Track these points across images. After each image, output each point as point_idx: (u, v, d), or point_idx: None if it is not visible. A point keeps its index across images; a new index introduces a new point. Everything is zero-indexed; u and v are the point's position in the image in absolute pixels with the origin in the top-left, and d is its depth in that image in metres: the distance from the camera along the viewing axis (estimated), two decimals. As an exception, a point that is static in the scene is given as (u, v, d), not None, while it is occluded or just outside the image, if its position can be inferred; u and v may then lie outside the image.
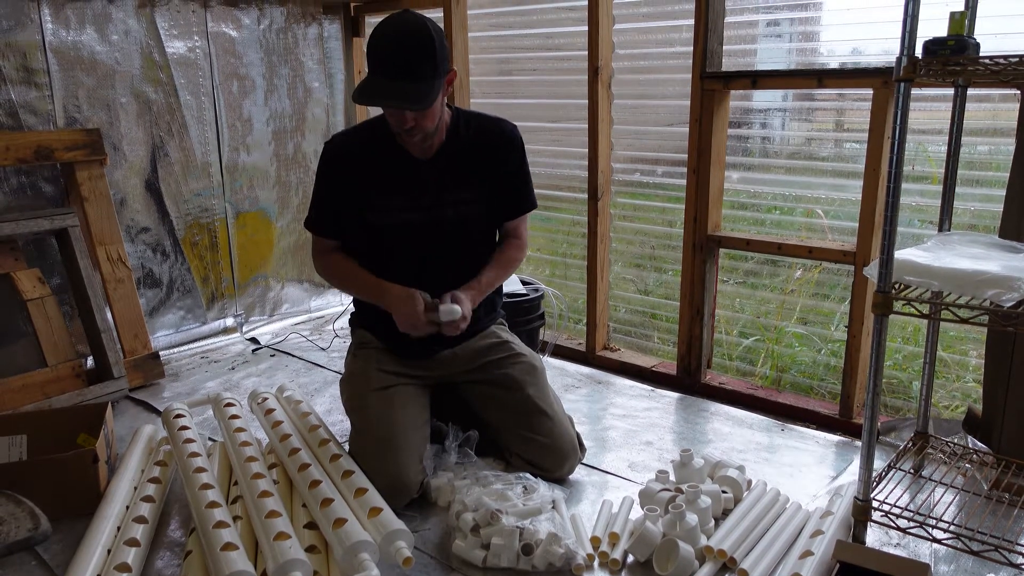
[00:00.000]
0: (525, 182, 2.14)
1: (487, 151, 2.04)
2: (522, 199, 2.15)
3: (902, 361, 2.62)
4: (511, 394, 2.05)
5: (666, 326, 3.02)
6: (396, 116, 1.85)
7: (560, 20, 3.01)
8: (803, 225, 2.67)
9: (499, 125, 2.08)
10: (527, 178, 2.14)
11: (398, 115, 1.84)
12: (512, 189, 2.11)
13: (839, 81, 2.30)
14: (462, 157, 2.02)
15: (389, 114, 1.88)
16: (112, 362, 2.65)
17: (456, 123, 2.02)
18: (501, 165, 2.06)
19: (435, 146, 1.99)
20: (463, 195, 2.03)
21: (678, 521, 1.70)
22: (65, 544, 1.80)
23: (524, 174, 2.13)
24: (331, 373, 2.91)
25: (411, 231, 2.02)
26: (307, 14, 3.42)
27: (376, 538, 1.60)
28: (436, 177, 2.01)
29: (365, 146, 2.03)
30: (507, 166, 2.08)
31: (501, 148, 2.06)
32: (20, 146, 2.56)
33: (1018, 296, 1.46)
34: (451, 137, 2.01)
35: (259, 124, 3.33)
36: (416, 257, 2.04)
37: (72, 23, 2.71)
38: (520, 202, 2.14)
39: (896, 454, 1.94)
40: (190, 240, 3.17)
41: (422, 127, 1.87)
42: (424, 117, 1.85)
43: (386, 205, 2.01)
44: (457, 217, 2.03)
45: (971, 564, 1.69)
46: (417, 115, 1.84)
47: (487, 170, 2.05)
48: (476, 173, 2.04)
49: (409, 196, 2.00)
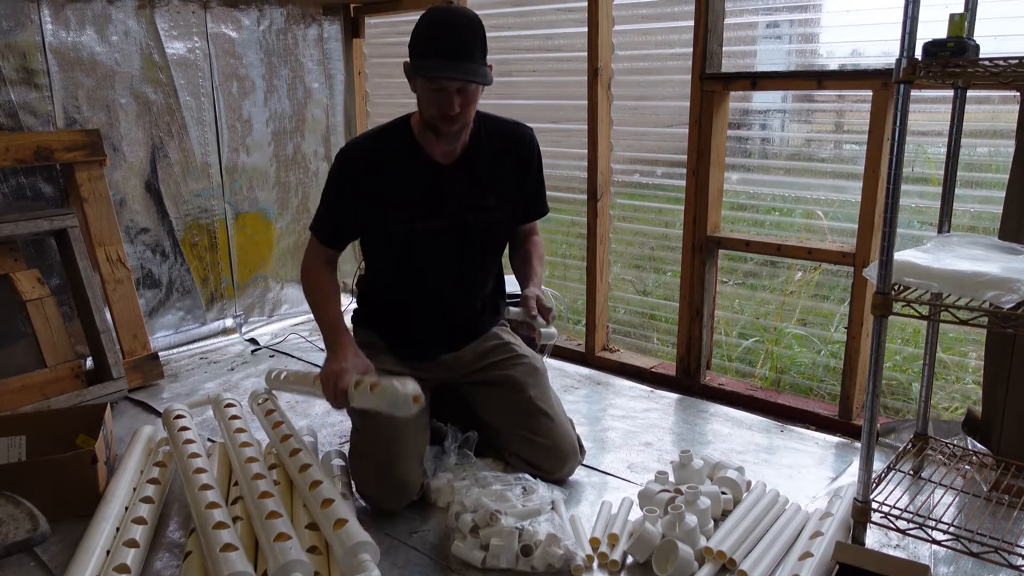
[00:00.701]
0: (543, 186, 2.14)
1: (509, 156, 2.03)
2: (541, 203, 2.16)
3: (902, 362, 2.62)
4: (512, 395, 2.05)
5: (665, 327, 3.02)
6: (445, 101, 1.78)
7: (560, 21, 3.01)
8: (803, 226, 2.67)
9: (518, 129, 2.06)
10: (543, 182, 2.15)
11: (447, 100, 1.78)
12: (533, 193, 2.11)
13: (839, 83, 2.30)
14: (484, 162, 2.00)
15: (433, 101, 1.80)
16: (111, 363, 2.65)
17: (478, 127, 2.00)
18: (523, 170, 2.06)
19: (458, 150, 1.97)
20: (487, 201, 2.00)
21: (677, 522, 1.70)
22: (64, 545, 1.80)
23: (542, 178, 2.14)
24: (330, 374, 2.90)
25: (435, 238, 1.97)
26: (307, 15, 3.42)
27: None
28: (459, 183, 1.97)
29: (384, 153, 1.95)
30: (528, 171, 2.07)
31: (523, 154, 2.05)
32: (20, 147, 2.56)
33: (1017, 298, 1.46)
34: (473, 141, 1.98)
35: (259, 125, 3.33)
36: (438, 265, 2.01)
37: (72, 24, 2.71)
38: (539, 206, 2.15)
39: (896, 455, 1.94)
40: (189, 241, 3.17)
41: (465, 115, 1.83)
42: (469, 103, 1.82)
43: (408, 213, 1.94)
44: (480, 223, 2.00)
45: (971, 566, 1.69)
46: (463, 101, 1.80)
47: (509, 175, 2.03)
48: (498, 179, 2.02)
49: (432, 202, 1.95)
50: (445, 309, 2.07)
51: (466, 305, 2.11)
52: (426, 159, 1.95)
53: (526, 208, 2.13)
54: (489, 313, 2.17)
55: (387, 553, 1.75)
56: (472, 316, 2.13)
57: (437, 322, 2.08)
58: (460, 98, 1.79)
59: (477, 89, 1.82)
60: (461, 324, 2.11)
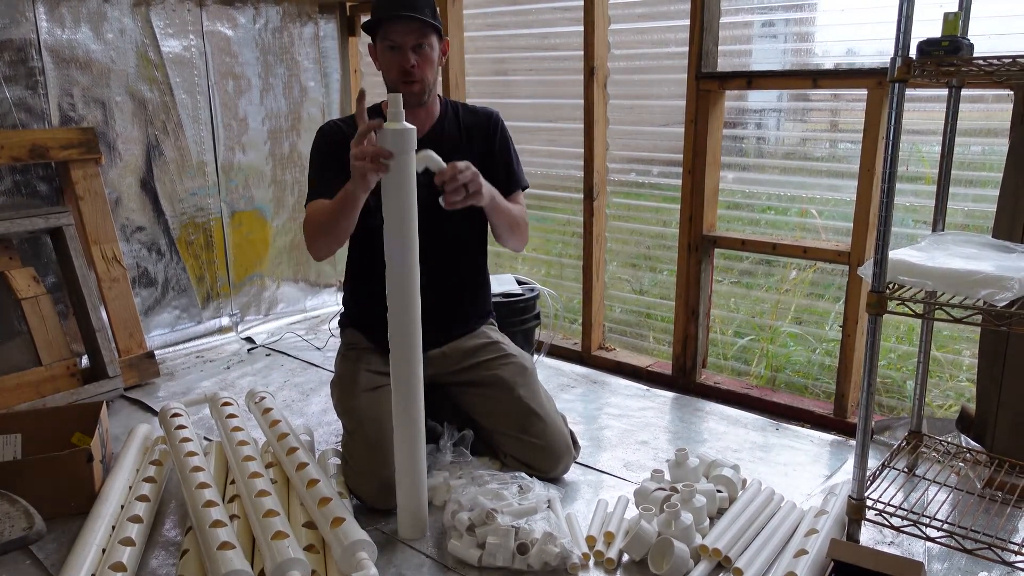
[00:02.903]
0: (513, 162, 2.15)
1: (475, 131, 2.10)
2: (513, 178, 2.14)
3: (896, 360, 2.63)
4: (502, 396, 2.05)
5: (661, 326, 3.02)
6: (401, 58, 1.89)
7: (556, 20, 3.01)
8: (798, 225, 2.68)
9: (484, 110, 2.15)
10: (515, 156, 2.16)
11: (403, 56, 1.88)
12: (504, 166, 2.12)
13: (834, 81, 2.31)
14: (451, 137, 2.06)
15: (393, 61, 1.90)
16: (107, 361, 2.65)
17: (445, 108, 2.10)
18: (489, 144, 2.11)
19: (427, 124, 2.03)
20: None
21: (673, 520, 1.70)
22: (60, 543, 1.80)
23: (512, 151, 2.16)
24: (326, 373, 2.91)
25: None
26: (303, 13, 3.42)
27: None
28: None
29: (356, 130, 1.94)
30: (494, 145, 2.12)
31: (488, 127, 2.12)
32: (15, 144, 2.56)
33: (1011, 296, 1.47)
34: (441, 118, 2.07)
35: (255, 123, 3.32)
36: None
37: (67, 21, 2.71)
38: (511, 181, 2.13)
39: (890, 453, 1.95)
40: (185, 239, 3.17)
41: (424, 74, 1.92)
42: (426, 62, 1.92)
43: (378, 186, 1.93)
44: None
45: (964, 562, 1.69)
46: (420, 59, 1.90)
47: (477, 150, 2.08)
48: (466, 155, 1.99)
49: None
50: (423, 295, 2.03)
51: (444, 292, 2.08)
52: None
53: (500, 182, 2.08)
54: (473, 309, 2.19)
55: (384, 551, 1.76)
56: (452, 306, 2.13)
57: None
58: (416, 56, 1.90)
59: (433, 50, 1.92)
60: (442, 314, 2.07)
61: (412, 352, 1.73)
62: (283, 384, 2.82)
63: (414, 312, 1.71)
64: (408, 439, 1.76)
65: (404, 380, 1.73)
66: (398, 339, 1.71)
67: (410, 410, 1.75)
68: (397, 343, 1.72)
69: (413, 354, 1.73)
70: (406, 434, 1.76)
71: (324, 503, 1.69)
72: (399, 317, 1.70)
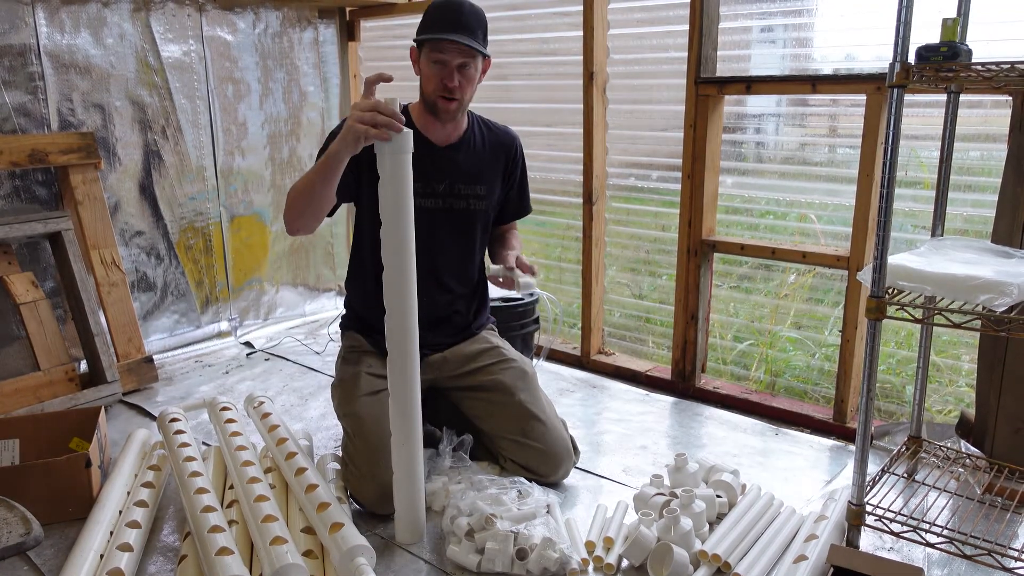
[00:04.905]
0: (527, 189, 2.27)
1: (499, 151, 2.15)
2: (524, 203, 2.27)
3: (895, 365, 2.63)
4: (503, 400, 2.05)
5: (661, 330, 3.02)
6: (446, 73, 1.91)
7: (555, 25, 3.02)
8: (797, 230, 2.68)
9: (508, 131, 2.20)
10: (527, 185, 2.27)
11: (448, 73, 1.91)
12: (518, 192, 2.23)
13: (833, 87, 2.31)
14: (476, 152, 2.10)
15: (435, 74, 1.92)
16: (105, 366, 2.65)
17: (472, 122, 2.13)
18: (511, 167, 2.18)
19: (453, 136, 2.06)
20: (477, 189, 2.10)
21: (672, 525, 1.70)
22: (58, 549, 1.79)
23: (526, 180, 2.26)
24: (326, 377, 2.90)
25: (423, 216, 1.95)
26: (302, 18, 3.43)
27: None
28: (452, 165, 2.06)
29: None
30: (515, 170, 2.19)
31: (511, 151, 2.18)
32: (14, 149, 2.56)
33: (1010, 301, 1.47)
34: (467, 132, 2.10)
35: (254, 128, 3.33)
36: (423, 245, 1.98)
37: (67, 27, 2.71)
38: (522, 206, 2.27)
39: (890, 458, 1.95)
40: (184, 244, 3.17)
41: (463, 93, 1.95)
42: (468, 82, 1.95)
43: None
44: (468, 209, 2.09)
45: (964, 568, 1.69)
46: (463, 78, 1.92)
47: (498, 170, 2.15)
48: (487, 170, 2.12)
49: (425, 179, 2.02)
50: (426, 299, 2.03)
51: (448, 297, 2.13)
52: (422, 139, 2.02)
53: (512, 205, 2.23)
54: (474, 314, 2.20)
55: (383, 557, 1.75)
56: (452, 311, 2.15)
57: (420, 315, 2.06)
58: (460, 75, 1.92)
59: (476, 72, 1.95)
60: (442, 319, 2.13)
61: (409, 354, 1.73)
62: (282, 389, 2.82)
63: (411, 315, 1.71)
64: (405, 443, 1.76)
65: (401, 383, 1.73)
66: (395, 341, 1.72)
67: (407, 413, 1.75)
68: (394, 345, 1.72)
69: (410, 356, 1.73)
70: (403, 437, 1.76)
71: (323, 508, 1.69)
72: (396, 320, 1.70)
